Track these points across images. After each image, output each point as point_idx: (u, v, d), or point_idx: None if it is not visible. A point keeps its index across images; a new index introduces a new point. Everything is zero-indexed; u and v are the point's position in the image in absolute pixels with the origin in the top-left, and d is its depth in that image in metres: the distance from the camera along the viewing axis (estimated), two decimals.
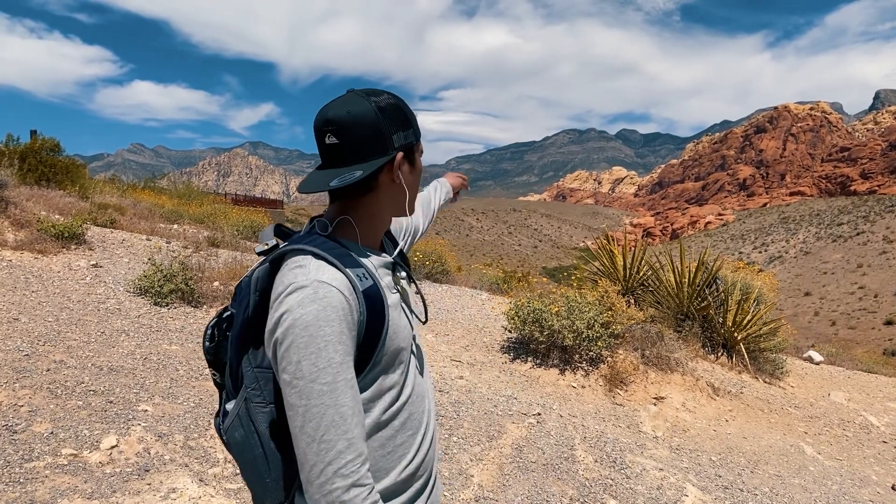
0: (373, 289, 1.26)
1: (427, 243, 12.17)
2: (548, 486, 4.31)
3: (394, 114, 1.31)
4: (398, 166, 1.33)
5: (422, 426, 1.42)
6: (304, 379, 1.14)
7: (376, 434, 1.31)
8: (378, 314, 1.26)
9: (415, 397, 1.40)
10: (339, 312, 1.17)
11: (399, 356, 1.33)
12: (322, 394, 1.14)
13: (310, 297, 1.16)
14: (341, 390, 1.15)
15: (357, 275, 1.25)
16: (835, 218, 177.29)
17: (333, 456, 1.14)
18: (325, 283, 1.18)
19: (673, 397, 6.52)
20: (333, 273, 1.21)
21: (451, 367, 6.53)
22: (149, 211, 13.35)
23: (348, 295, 1.20)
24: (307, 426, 1.14)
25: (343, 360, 1.17)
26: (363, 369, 1.25)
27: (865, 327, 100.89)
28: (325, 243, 1.28)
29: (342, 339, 1.17)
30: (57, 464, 3.51)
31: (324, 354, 1.14)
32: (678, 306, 8.94)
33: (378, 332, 1.25)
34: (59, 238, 8.15)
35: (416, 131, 1.38)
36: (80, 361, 4.98)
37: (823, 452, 6.14)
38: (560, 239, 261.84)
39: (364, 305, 1.23)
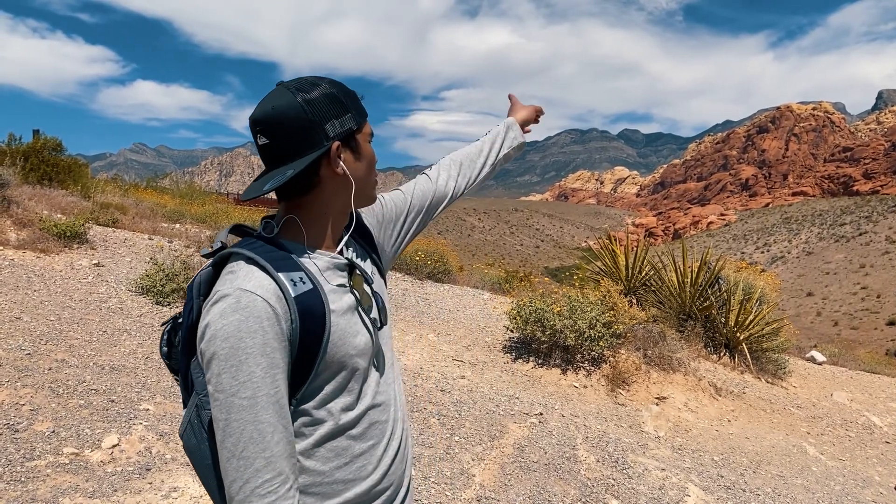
0: (310, 294, 1.18)
1: (429, 243, 12.17)
2: (550, 485, 4.30)
3: (324, 101, 1.22)
4: (335, 156, 1.23)
5: (384, 436, 1.34)
6: (225, 392, 1.09)
7: (329, 443, 1.24)
8: (315, 321, 1.17)
9: (376, 406, 1.32)
10: (264, 322, 1.10)
11: (351, 363, 1.25)
12: (241, 409, 1.08)
13: (231, 306, 1.10)
14: (262, 406, 1.09)
15: (292, 279, 1.17)
16: (837, 218, 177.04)
17: (251, 474, 1.09)
18: (247, 292, 1.11)
19: (675, 397, 6.50)
20: (261, 280, 1.14)
21: (452, 367, 6.53)
22: (151, 210, 13.36)
23: (275, 303, 1.12)
24: (227, 441, 1.09)
25: (266, 373, 1.10)
26: (305, 379, 1.19)
27: (868, 328, 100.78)
28: (262, 246, 1.21)
29: (265, 351, 1.10)
30: (58, 463, 3.51)
31: (244, 368, 1.09)
32: (680, 306, 8.92)
33: (317, 339, 1.18)
34: (61, 237, 8.15)
35: (357, 115, 1.27)
36: (81, 360, 4.98)
37: (826, 453, 6.12)
38: (562, 239, 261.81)
39: (296, 313, 1.15)
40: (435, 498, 3.87)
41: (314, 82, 1.24)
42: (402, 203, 1.61)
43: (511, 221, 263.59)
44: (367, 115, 1.31)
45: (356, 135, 1.27)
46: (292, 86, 1.22)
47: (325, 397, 1.23)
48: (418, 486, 3.98)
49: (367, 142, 1.31)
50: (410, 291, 9.75)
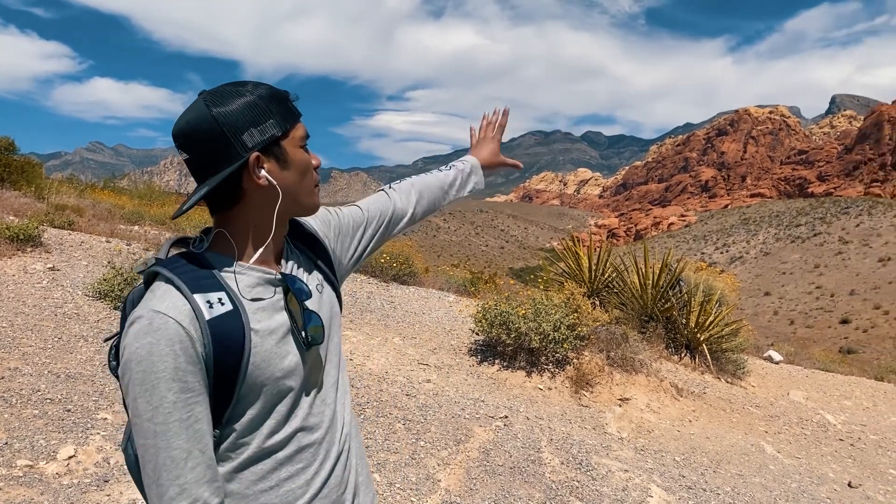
0: (228, 317, 1.13)
1: (394, 244, 12.13)
2: (515, 489, 4.32)
3: (241, 110, 1.15)
4: (254, 167, 1.16)
5: (316, 459, 1.28)
6: (140, 418, 1.07)
7: (254, 466, 1.21)
8: (231, 345, 1.13)
9: (307, 428, 1.27)
10: (175, 346, 1.07)
11: (277, 386, 1.20)
12: (155, 434, 1.06)
13: (144, 329, 1.07)
14: (174, 432, 1.07)
15: (208, 301, 1.13)
16: (793, 219, 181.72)
17: (167, 501, 1.07)
18: (159, 314, 1.08)
19: (637, 398, 6.59)
20: (174, 300, 1.10)
21: (418, 371, 6.51)
22: (108, 212, 13.05)
23: (188, 325, 1.09)
24: (146, 466, 1.08)
25: (178, 398, 1.07)
26: (229, 401, 1.16)
27: (822, 326, 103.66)
28: (185, 265, 1.17)
29: (177, 376, 1.07)
30: (11, 475, 3.40)
31: (157, 393, 1.06)
32: (642, 308, 9.06)
33: (235, 362, 1.13)
34: (13, 240, 7.90)
35: (282, 120, 1.19)
36: (36, 368, 4.84)
37: (783, 451, 6.27)
38: (526, 240, 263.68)
39: (209, 337, 1.10)
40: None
41: (234, 90, 1.17)
42: (360, 217, 1.58)
43: (476, 222, 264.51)
44: (299, 116, 1.24)
45: (281, 141, 1.20)
46: (209, 97, 1.17)
47: (251, 421, 1.20)
48: (383, 492, 3.96)
49: (298, 146, 1.23)
50: (376, 294, 9.70)
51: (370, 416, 5.11)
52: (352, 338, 7.21)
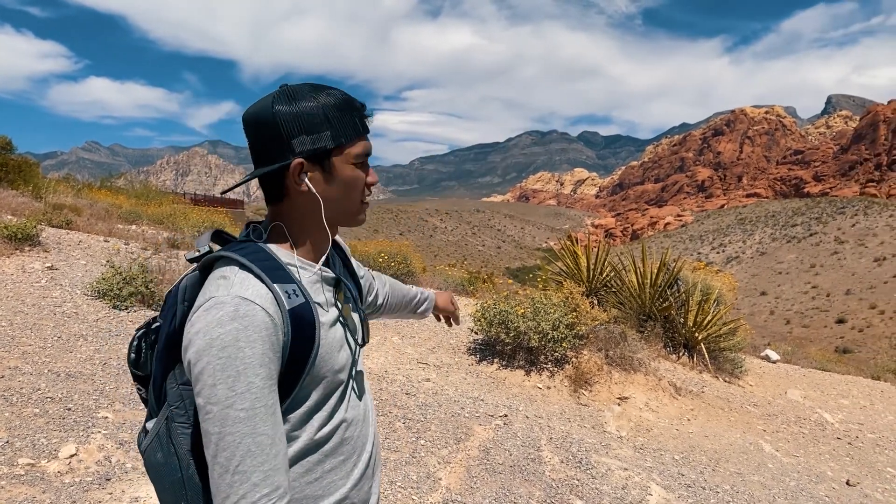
0: (303, 307, 1.18)
1: (392, 244, 12.14)
2: (515, 487, 4.33)
3: (300, 115, 1.19)
4: (295, 172, 1.20)
5: (355, 452, 1.34)
6: (220, 404, 1.05)
7: (304, 459, 1.24)
8: (307, 334, 1.17)
9: (350, 422, 1.32)
10: (262, 333, 1.09)
11: (333, 378, 1.25)
12: (238, 420, 1.05)
13: (229, 314, 1.08)
14: (260, 417, 1.07)
15: (286, 291, 1.16)
16: (789, 219, 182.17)
17: (248, 489, 1.05)
18: (246, 300, 1.09)
19: (636, 397, 6.61)
20: (258, 288, 1.13)
21: (417, 370, 6.52)
22: (106, 211, 13.03)
23: (273, 313, 1.11)
24: (220, 455, 1.05)
25: (264, 384, 1.08)
26: (291, 391, 1.18)
27: (818, 325, 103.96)
28: (256, 252, 1.20)
29: (264, 362, 1.08)
30: (13, 474, 3.40)
31: (242, 379, 1.06)
32: (640, 307, 9.08)
33: (307, 353, 1.17)
34: (12, 239, 7.89)
35: (339, 135, 1.21)
36: (36, 367, 4.84)
37: (781, 449, 6.30)
38: (523, 239, 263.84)
39: (290, 325, 1.14)
40: (402, 502, 3.87)
41: (308, 92, 1.21)
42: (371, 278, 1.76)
43: (473, 222, 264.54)
44: (363, 134, 1.26)
45: (333, 156, 1.22)
46: (280, 93, 1.21)
47: (307, 412, 1.23)
48: (384, 490, 3.97)
49: (351, 163, 1.24)
50: None
51: None
52: None
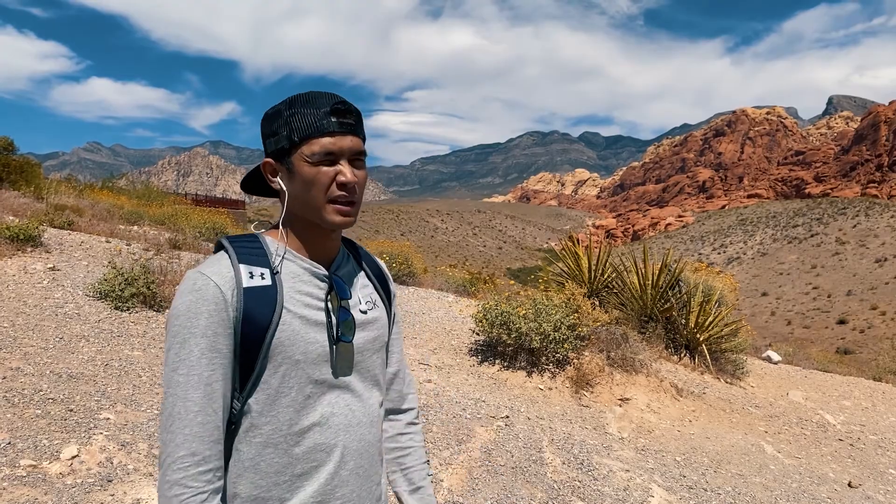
0: (264, 289, 1.23)
1: (393, 245, 12.15)
2: (517, 489, 4.33)
3: (268, 120, 1.29)
4: (265, 171, 1.33)
5: (331, 461, 1.29)
6: (168, 367, 1.18)
7: (268, 452, 1.25)
8: (261, 314, 1.21)
9: (327, 428, 1.29)
10: (211, 306, 1.18)
11: (297, 368, 1.25)
12: (177, 384, 1.16)
13: (188, 287, 1.19)
14: (192, 385, 1.16)
15: (250, 272, 1.23)
16: (790, 220, 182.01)
17: (172, 448, 1.15)
18: (203, 275, 1.20)
19: (638, 398, 6.61)
20: (221, 267, 1.22)
21: (419, 371, 6.52)
22: (108, 212, 13.05)
23: (226, 289, 1.20)
24: (163, 413, 1.17)
25: (202, 354, 1.17)
26: (250, 370, 1.23)
27: (819, 326, 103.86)
28: (247, 240, 1.30)
29: (206, 334, 1.17)
30: (15, 475, 3.40)
31: (186, 346, 1.16)
32: (642, 308, 9.07)
33: (260, 332, 1.21)
34: (13, 240, 7.90)
35: (293, 134, 1.25)
36: (37, 368, 4.84)
37: (783, 451, 6.29)
38: (524, 240, 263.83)
39: (241, 302, 1.20)
40: None
41: (289, 100, 1.29)
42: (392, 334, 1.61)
43: (474, 223, 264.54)
44: (323, 132, 1.25)
45: (290, 155, 1.27)
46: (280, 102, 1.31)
47: (269, 396, 1.25)
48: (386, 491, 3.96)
49: (307, 162, 1.25)
50: None
51: None
52: None
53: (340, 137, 1.26)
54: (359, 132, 1.30)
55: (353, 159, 1.29)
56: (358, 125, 1.30)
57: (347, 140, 1.27)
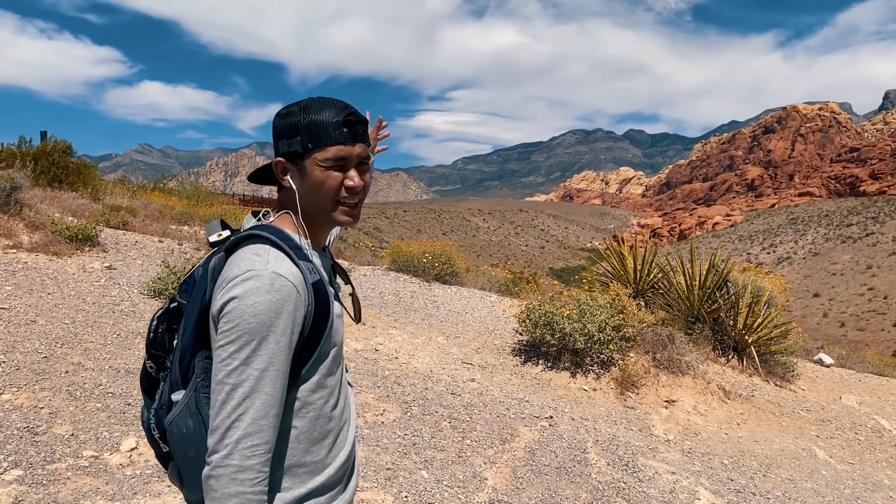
0: (320, 283, 1.34)
1: (435, 244, 12.20)
2: (561, 489, 4.33)
3: (284, 123, 1.37)
4: (277, 168, 1.40)
5: (350, 424, 1.53)
6: (240, 360, 1.21)
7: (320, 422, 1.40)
8: (323, 309, 1.34)
9: (347, 395, 1.53)
10: (290, 306, 1.24)
11: (338, 351, 1.43)
12: (251, 378, 1.21)
13: (265, 287, 1.23)
14: (270, 379, 1.22)
15: (308, 268, 1.32)
16: (844, 219, 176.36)
17: (242, 434, 1.20)
18: (280, 276, 1.25)
19: (684, 400, 6.53)
20: (289, 266, 1.28)
21: (462, 370, 6.56)
22: (159, 212, 13.43)
23: (300, 290, 1.27)
24: (229, 403, 1.20)
25: (282, 352, 1.24)
26: (307, 360, 1.34)
27: (875, 329, 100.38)
28: (280, 232, 1.36)
29: (286, 332, 1.24)
30: (78, 465, 3.56)
31: (266, 344, 1.22)
32: (689, 309, 8.94)
33: (322, 325, 1.34)
34: (73, 240, 8.22)
35: (309, 141, 1.35)
36: (97, 363, 5.04)
37: (835, 456, 6.14)
38: (567, 239, 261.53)
39: (312, 299, 1.31)
40: (448, 501, 3.91)
41: (301, 105, 1.37)
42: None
43: (516, 222, 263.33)
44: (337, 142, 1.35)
45: (303, 158, 1.36)
46: (286, 106, 1.41)
47: (319, 378, 1.38)
48: (431, 489, 4.02)
49: (319, 166, 1.36)
50: (419, 294, 9.79)
51: (416, 414, 5.18)
52: (396, 336, 7.30)
53: (351, 146, 1.37)
54: (366, 140, 1.41)
55: (360, 164, 1.40)
56: (365, 133, 1.41)
57: (357, 148, 1.38)
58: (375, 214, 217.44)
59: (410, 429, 4.89)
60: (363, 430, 4.73)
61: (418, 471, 4.23)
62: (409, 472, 4.19)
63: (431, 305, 9.13)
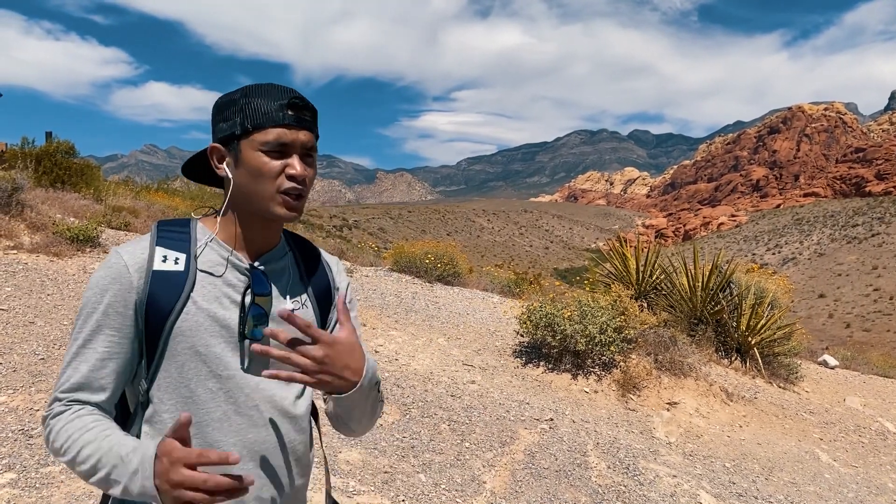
0: (174, 275, 1.22)
1: (438, 245, 12.17)
2: (561, 492, 4.29)
3: (221, 105, 1.28)
4: (211, 156, 1.29)
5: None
6: (71, 337, 1.23)
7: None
8: (164, 299, 1.20)
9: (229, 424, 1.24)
10: (116, 285, 1.20)
11: (198, 363, 1.22)
12: (72, 354, 1.21)
13: (105, 263, 1.23)
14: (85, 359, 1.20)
15: (164, 256, 1.24)
16: (849, 219, 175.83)
17: (55, 388, 1.21)
18: (118, 254, 1.23)
19: (686, 402, 6.48)
20: (136, 248, 1.24)
21: (462, 372, 6.53)
22: (163, 213, 13.43)
23: (133, 270, 1.21)
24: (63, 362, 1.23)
25: (100, 330, 1.20)
26: (153, 354, 1.22)
27: (880, 330, 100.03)
28: (176, 225, 1.30)
29: (108, 312, 1.20)
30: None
31: (89, 320, 1.21)
32: (692, 310, 8.89)
33: (163, 317, 1.20)
34: (74, 241, 8.21)
35: (247, 121, 1.23)
36: None
37: (839, 459, 6.08)
38: (571, 240, 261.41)
39: (148, 284, 1.21)
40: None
41: (243, 88, 1.28)
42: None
43: (520, 222, 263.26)
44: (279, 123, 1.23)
45: (239, 140, 1.24)
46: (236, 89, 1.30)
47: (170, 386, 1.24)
48: (429, 492, 3.98)
49: (259, 150, 1.23)
50: (420, 294, 9.76)
51: (415, 417, 5.14)
52: (397, 338, 7.27)
53: (295, 131, 1.24)
54: (313, 129, 1.28)
55: (304, 154, 1.27)
56: (313, 122, 1.29)
57: (301, 134, 1.25)
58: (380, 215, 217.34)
59: (409, 431, 4.86)
60: None
61: (416, 474, 4.20)
62: (406, 475, 4.16)
63: (433, 306, 9.10)
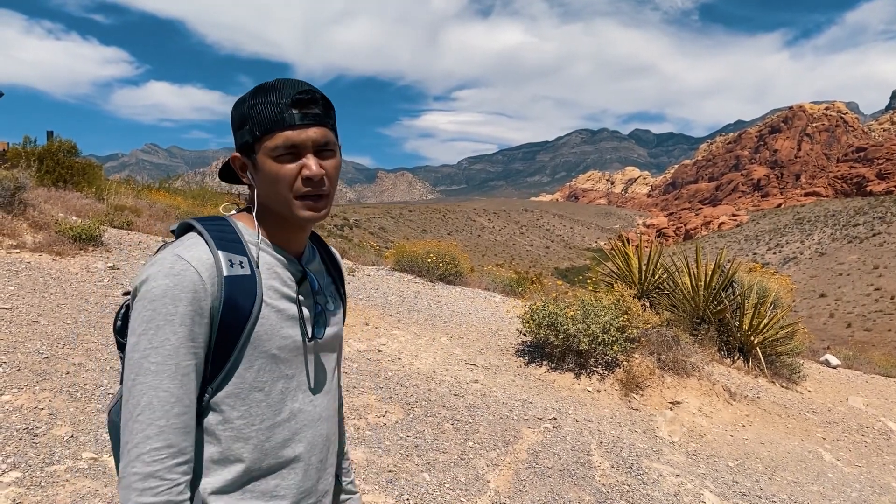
0: (245, 278, 1.18)
1: (439, 244, 12.17)
2: (564, 492, 4.29)
3: (234, 113, 1.25)
4: (235, 165, 1.28)
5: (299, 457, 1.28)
6: (138, 353, 1.10)
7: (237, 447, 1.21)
8: (241, 305, 1.17)
9: (296, 423, 1.28)
10: (189, 294, 1.11)
11: (273, 365, 1.23)
12: (148, 372, 1.09)
13: (165, 271, 1.12)
14: (168, 374, 1.10)
15: (230, 260, 1.18)
16: (850, 219, 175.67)
17: (140, 439, 1.08)
18: (182, 260, 1.13)
19: (689, 402, 6.48)
20: (200, 252, 1.16)
21: (465, 371, 6.53)
22: (164, 212, 13.43)
23: (206, 277, 1.13)
24: (129, 402, 1.10)
25: (180, 343, 1.11)
26: (224, 362, 1.18)
27: (882, 329, 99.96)
28: (220, 224, 1.24)
29: (185, 322, 1.11)
30: (77, 467, 3.54)
31: (160, 333, 1.10)
32: (694, 310, 8.89)
33: (240, 323, 1.17)
34: (76, 240, 8.21)
35: (255, 128, 1.20)
36: (99, 364, 5.02)
37: (842, 459, 6.08)
38: (572, 239, 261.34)
39: (223, 291, 1.15)
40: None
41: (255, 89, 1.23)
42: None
43: (521, 222, 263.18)
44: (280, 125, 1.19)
45: (256, 149, 1.22)
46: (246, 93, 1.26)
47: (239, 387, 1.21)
48: (433, 491, 3.99)
49: (268, 156, 1.20)
50: (422, 294, 9.76)
51: (419, 416, 5.14)
52: (399, 337, 7.27)
53: (303, 129, 1.20)
54: (325, 122, 1.23)
55: (320, 150, 1.22)
56: (324, 115, 1.23)
57: (311, 132, 1.20)
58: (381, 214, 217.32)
59: (413, 430, 4.86)
60: (365, 432, 4.70)
61: (420, 473, 4.20)
62: (410, 474, 4.16)
63: (435, 306, 9.10)
